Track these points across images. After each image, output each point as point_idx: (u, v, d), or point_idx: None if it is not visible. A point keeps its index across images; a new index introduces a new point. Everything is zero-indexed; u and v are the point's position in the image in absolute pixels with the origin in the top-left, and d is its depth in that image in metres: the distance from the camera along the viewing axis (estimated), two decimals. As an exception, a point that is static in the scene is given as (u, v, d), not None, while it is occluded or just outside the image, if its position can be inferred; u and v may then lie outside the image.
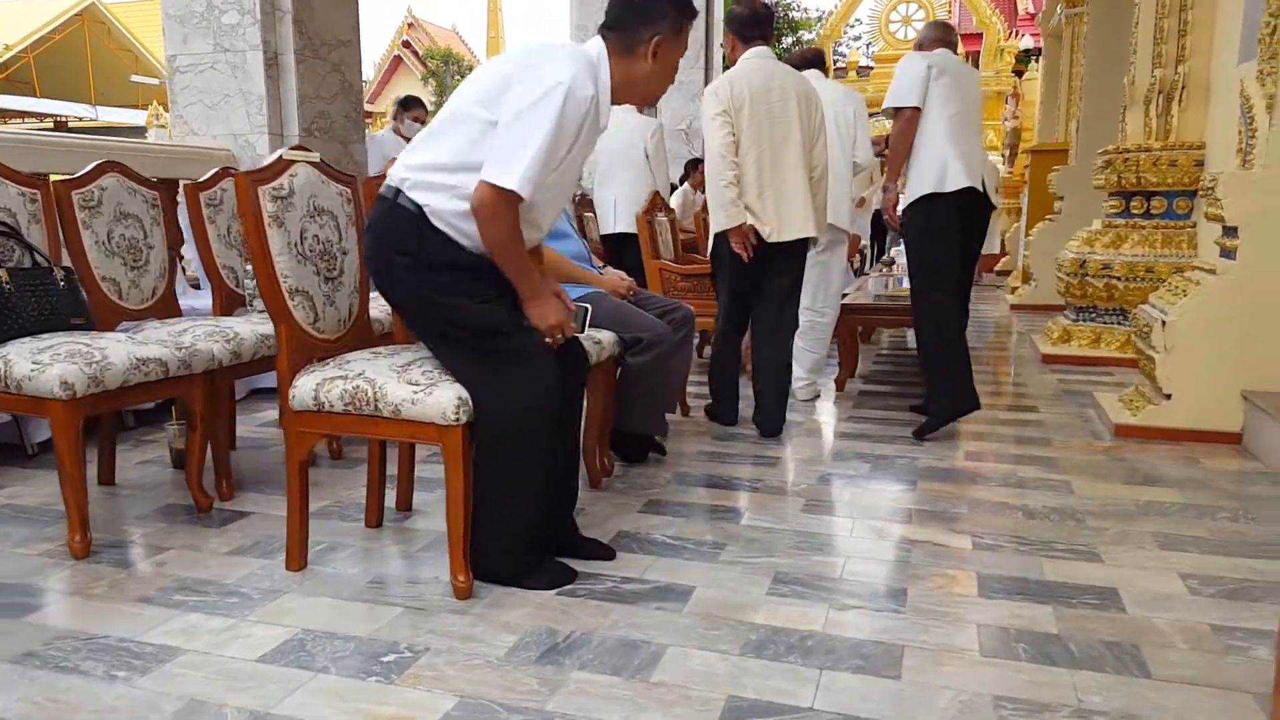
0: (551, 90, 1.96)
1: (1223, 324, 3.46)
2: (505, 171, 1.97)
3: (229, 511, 2.76)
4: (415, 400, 2.06)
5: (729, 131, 3.48)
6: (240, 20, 4.75)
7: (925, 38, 3.95)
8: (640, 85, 2.20)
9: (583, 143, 2.10)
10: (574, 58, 2.04)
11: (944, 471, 3.19)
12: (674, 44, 2.18)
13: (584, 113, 2.03)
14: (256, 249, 2.17)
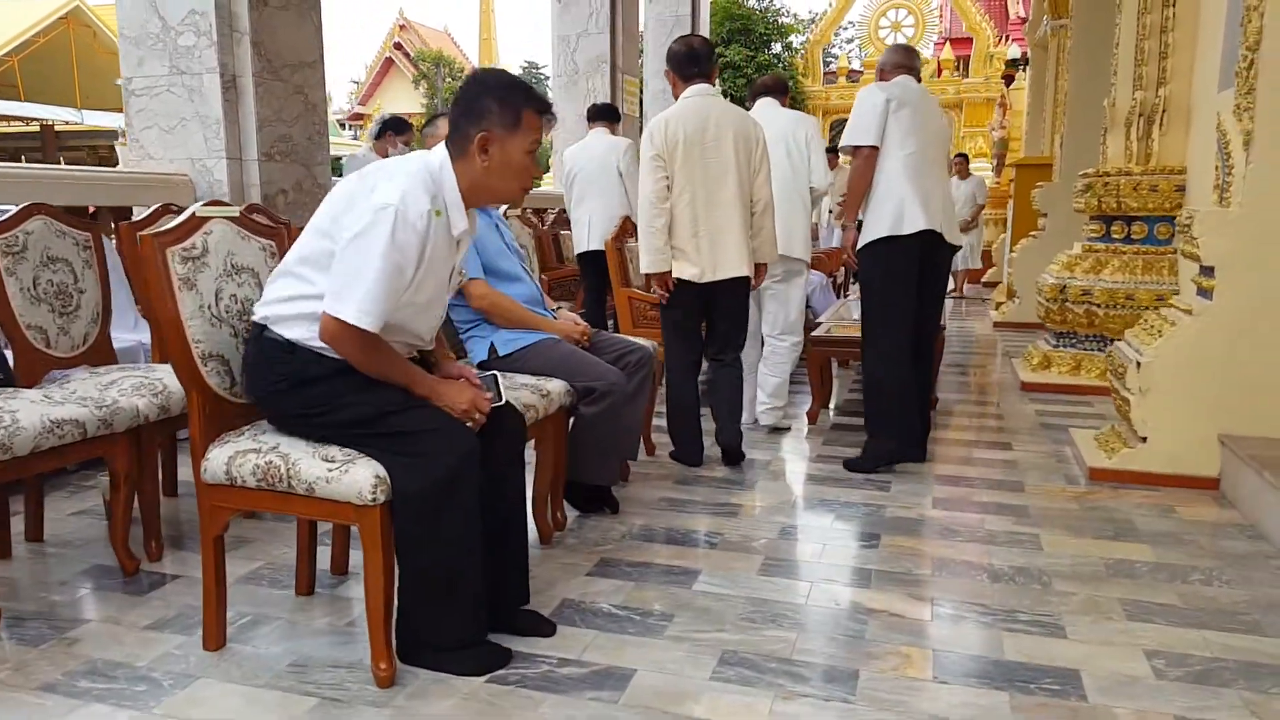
0: (380, 215, 1.90)
1: (1199, 366, 3.35)
2: (342, 304, 1.91)
3: (156, 575, 2.63)
4: (330, 479, 1.93)
5: (663, 176, 3.51)
6: (196, 42, 4.62)
7: (887, 62, 3.81)
8: (484, 187, 2.07)
9: (434, 258, 2.01)
10: (410, 175, 1.98)
11: (910, 523, 3.07)
12: (508, 138, 2.03)
13: (421, 231, 1.94)
14: (164, 314, 2.04)
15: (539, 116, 2.07)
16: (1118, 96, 5.14)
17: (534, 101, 2.06)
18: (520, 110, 2.03)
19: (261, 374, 2.07)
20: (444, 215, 2.01)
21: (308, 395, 2.02)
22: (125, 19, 4.75)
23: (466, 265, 2.87)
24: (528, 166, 2.08)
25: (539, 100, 2.08)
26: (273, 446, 2.03)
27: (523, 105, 2.03)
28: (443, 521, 1.97)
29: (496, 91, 2.03)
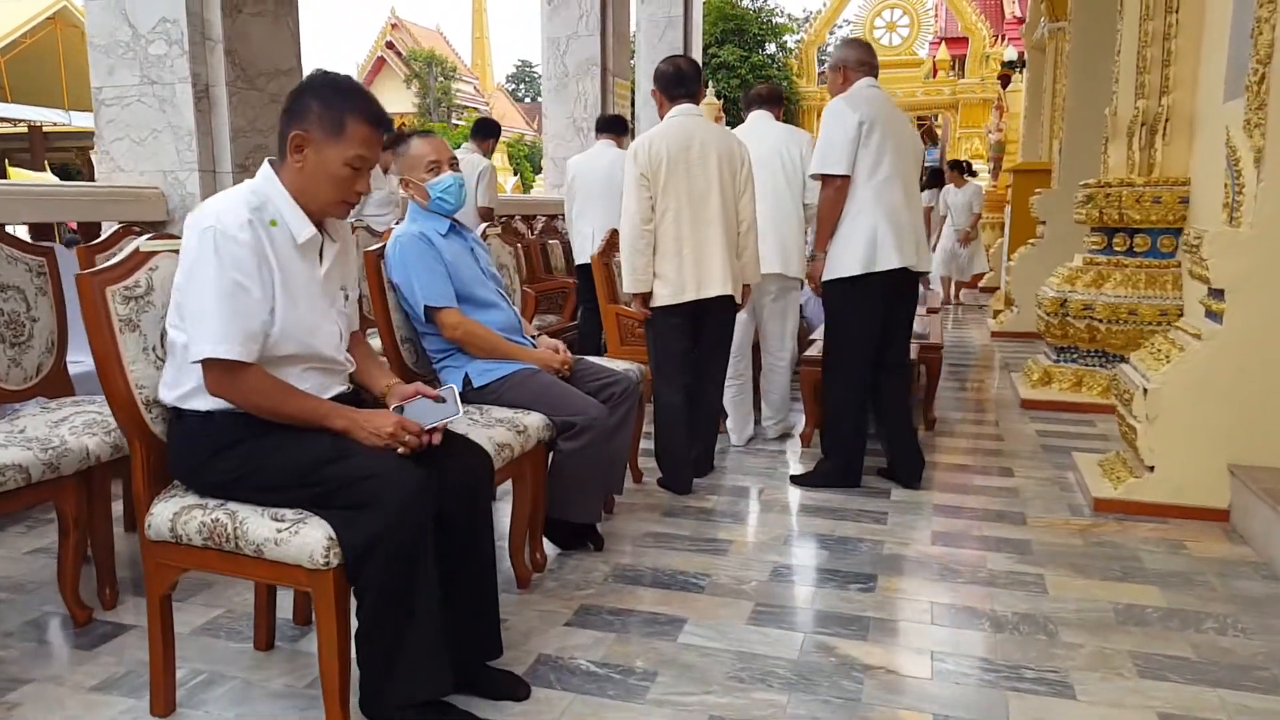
0: (200, 238, 1.80)
1: (1209, 393, 3.21)
2: (199, 342, 1.80)
3: (109, 625, 2.48)
4: (279, 540, 1.78)
5: (647, 195, 3.47)
6: (168, 51, 4.45)
7: (849, 59, 3.59)
8: (305, 192, 1.92)
9: (287, 269, 1.88)
10: (226, 193, 1.90)
11: (908, 562, 2.92)
12: (326, 144, 1.87)
13: (247, 241, 1.82)
14: (104, 358, 1.89)
15: (371, 129, 1.89)
16: (1119, 105, 5.00)
17: (364, 111, 1.88)
18: (344, 117, 1.86)
19: (182, 450, 1.93)
20: (281, 224, 1.88)
21: (231, 459, 1.87)
22: (94, 27, 4.59)
23: (421, 291, 2.72)
24: (348, 179, 1.90)
25: (371, 112, 1.89)
26: (220, 503, 1.88)
27: (349, 112, 1.87)
28: (391, 575, 1.81)
29: (321, 92, 1.88)
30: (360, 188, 1.93)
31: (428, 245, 2.73)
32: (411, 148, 2.86)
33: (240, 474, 1.88)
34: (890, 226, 3.42)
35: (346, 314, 2.13)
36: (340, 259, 2.08)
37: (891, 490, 3.64)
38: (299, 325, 1.93)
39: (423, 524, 1.85)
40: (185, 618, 2.48)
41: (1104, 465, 3.65)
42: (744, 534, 3.18)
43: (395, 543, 1.79)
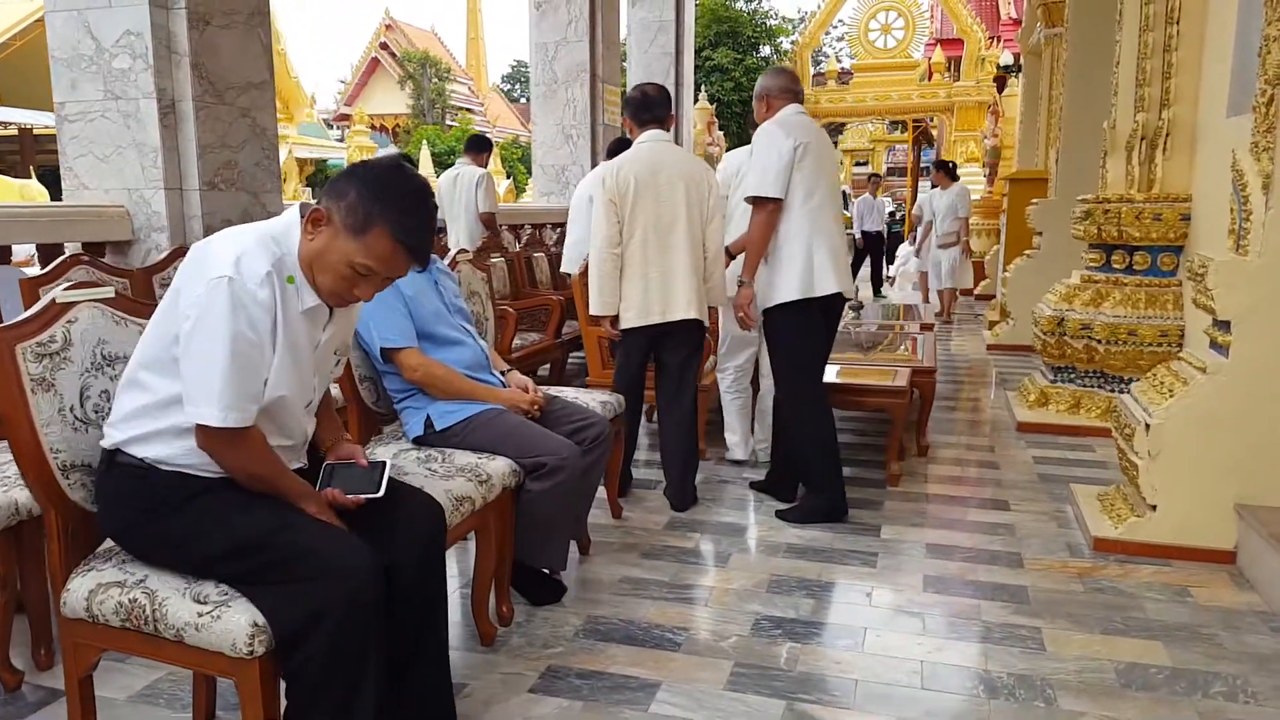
0: (213, 291, 1.61)
1: (1214, 429, 3.05)
2: (203, 406, 1.63)
3: (44, 690, 2.31)
4: (200, 625, 1.62)
5: (615, 221, 3.49)
6: (132, 65, 4.28)
7: (772, 88, 3.58)
8: (313, 266, 1.73)
9: (291, 334, 1.71)
10: (243, 236, 1.71)
11: (898, 613, 2.77)
12: (342, 234, 1.69)
13: (265, 299, 1.65)
14: (12, 420, 1.72)
15: (393, 246, 1.69)
16: (1118, 118, 4.85)
17: (394, 225, 1.68)
18: (373, 221, 1.68)
19: (113, 506, 1.76)
20: (296, 283, 1.71)
21: (167, 526, 1.71)
22: (56, 39, 4.41)
23: (378, 332, 2.56)
24: (348, 280, 1.71)
25: (404, 230, 1.68)
26: (140, 580, 1.71)
27: (379, 219, 1.68)
28: (332, 657, 1.64)
29: (367, 185, 1.70)
30: (360, 294, 1.75)
31: None
32: None
33: (172, 541, 1.72)
34: (827, 251, 3.45)
35: (331, 376, 1.99)
36: (345, 325, 1.93)
37: (882, 527, 3.49)
38: (284, 390, 1.76)
39: (371, 604, 1.68)
40: (124, 681, 2.33)
41: (1104, 501, 3.50)
42: (726, 579, 3.02)
43: (337, 621, 1.63)
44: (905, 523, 3.54)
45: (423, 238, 1.73)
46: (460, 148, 28.42)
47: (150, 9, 4.19)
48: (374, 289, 1.75)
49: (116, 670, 2.34)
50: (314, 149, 24.46)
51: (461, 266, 3.34)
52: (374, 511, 1.87)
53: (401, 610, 1.86)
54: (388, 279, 1.76)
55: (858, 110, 19.91)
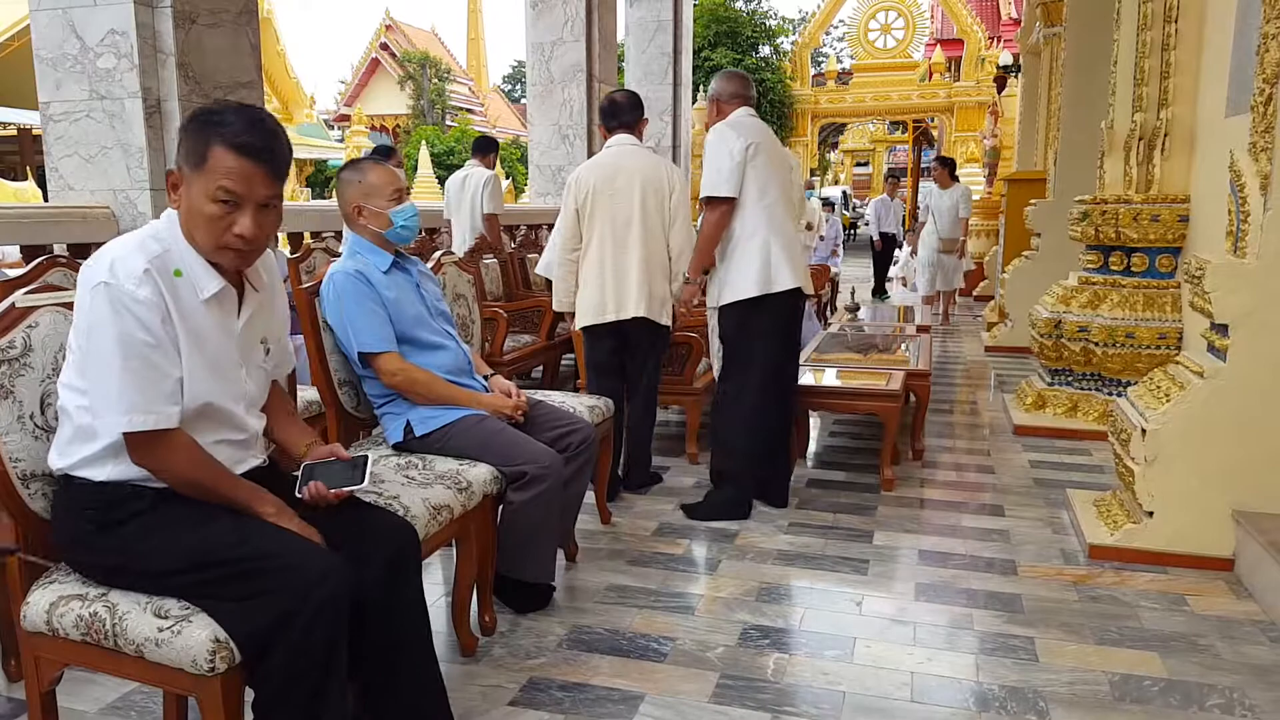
0: (93, 298, 1.60)
1: (1212, 434, 3.00)
2: (107, 415, 1.61)
3: (15, 701, 2.26)
4: (160, 641, 1.57)
5: (575, 225, 3.65)
6: (117, 64, 4.23)
7: (723, 92, 3.66)
8: (192, 239, 1.69)
9: (193, 327, 1.68)
10: (123, 240, 1.67)
11: (889, 623, 2.71)
12: (194, 178, 1.64)
13: (146, 298, 1.61)
14: (-31, 431, 1.67)
15: (236, 157, 1.62)
16: (1116, 118, 4.80)
17: (228, 138, 1.62)
18: (208, 144, 1.62)
19: (64, 524, 1.72)
20: (186, 275, 1.67)
21: (116, 539, 1.66)
22: (40, 39, 4.37)
23: (355, 336, 2.51)
24: (218, 218, 1.64)
25: (238, 138, 1.62)
26: (102, 594, 1.66)
27: (211, 138, 1.62)
28: (297, 669, 1.59)
29: (192, 122, 1.67)
30: (240, 230, 1.66)
31: (364, 285, 2.52)
32: (371, 175, 2.66)
33: (126, 556, 1.66)
34: (783, 248, 3.50)
35: (265, 368, 1.92)
36: (262, 310, 1.87)
37: (875, 533, 3.43)
38: (206, 386, 1.72)
39: (336, 614, 1.63)
40: (95, 693, 2.28)
41: (1100, 506, 3.44)
42: (714, 587, 2.96)
43: (301, 631, 1.58)
44: (898, 529, 3.49)
45: (256, 135, 1.65)
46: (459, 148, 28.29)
47: (135, 7, 4.14)
48: (250, 218, 1.66)
49: (87, 682, 2.29)
50: (313, 149, 24.40)
51: (447, 269, 3.29)
52: (341, 533, 1.81)
53: (372, 633, 1.80)
54: (254, 201, 1.66)
55: (857, 110, 19.88)
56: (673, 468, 4.26)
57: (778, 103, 18.97)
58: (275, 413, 2.00)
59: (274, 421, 1.99)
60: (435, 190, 18.95)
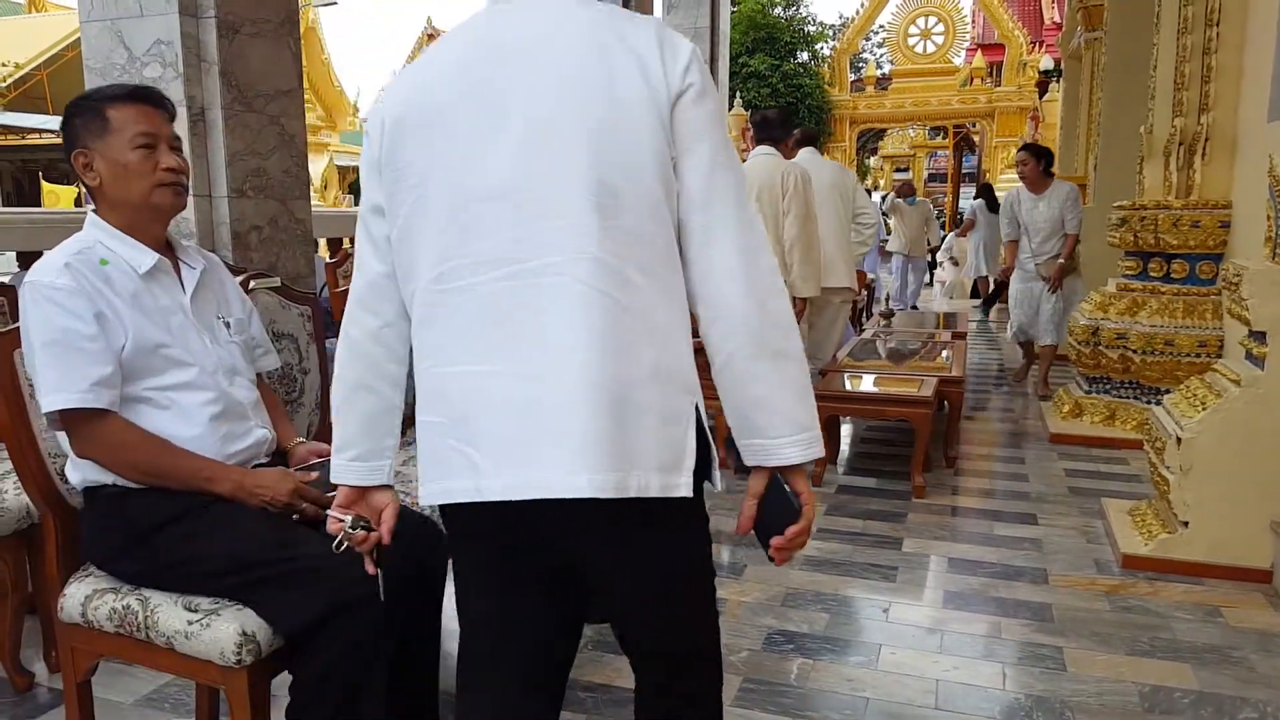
0: (24, 296, 1.68)
1: (1250, 443, 2.95)
2: (42, 397, 1.66)
3: (55, 692, 2.32)
4: (190, 634, 1.61)
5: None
6: (163, 73, 4.32)
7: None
8: (122, 206, 1.77)
9: (137, 305, 1.74)
10: (52, 252, 1.74)
11: (916, 631, 2.69)
12: (104, 146, 1.74)
13: (68, 285, 1.66)
14: (10, 427, 1.74)
15: (131, 104, 1.75)
16: (1155, 123, 4.73)
17: (114, 94, 1.77)
18: (101, 110, 1.74)
19: (95, 536, 1.77)
20: (114, 262, 1.74)
21: (151, 547, 1.69)
22: (90, 50, 4.48)
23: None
24: (145, 161, 1.75)
25: (123, 90, 1.78)
26: (134, 587, 1.71)
27: (100, 106, 1.75)
28: (338, 660, 1.62)
29: (73, 109, 1.77)
30: (167, 163, 1.77)
31: None
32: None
33: (163, 565, 1.70)
34: None
35: (236, 342, 1.94)
36: (208, 286, 1.92)
37: (904, 540, 3.41)
38: (174, 348, 1.76)
39: (376, 612, 1.66)
40: (130, 685, 2.34)
41: (1135, 516, 3.39)
42: (740, 591, 2.97)
43: (344, 629, 1.61)
44: (928, 536, 3.46)
45: (135, 88, 1.80)
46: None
47: (180, 18, 4.24)
48: (168, 154, 1.78)
49: (123, 674, 2.35)
50: (356, 157, 24.75)
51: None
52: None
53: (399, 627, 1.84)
54: (164, 139, 1.78)
55: (896, 116, 19.75)
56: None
57: (815, 108, 18.90)
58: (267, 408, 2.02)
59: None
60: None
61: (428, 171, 1.21)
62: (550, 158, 1.16)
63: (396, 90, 1.27)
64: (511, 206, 1.17)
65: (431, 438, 1.24)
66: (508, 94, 1.18)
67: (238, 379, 1.90)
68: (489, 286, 1.17)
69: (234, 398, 1.86)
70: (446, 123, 1.20)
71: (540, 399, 1.15)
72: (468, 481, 1.19)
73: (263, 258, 4.52)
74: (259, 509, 1.73)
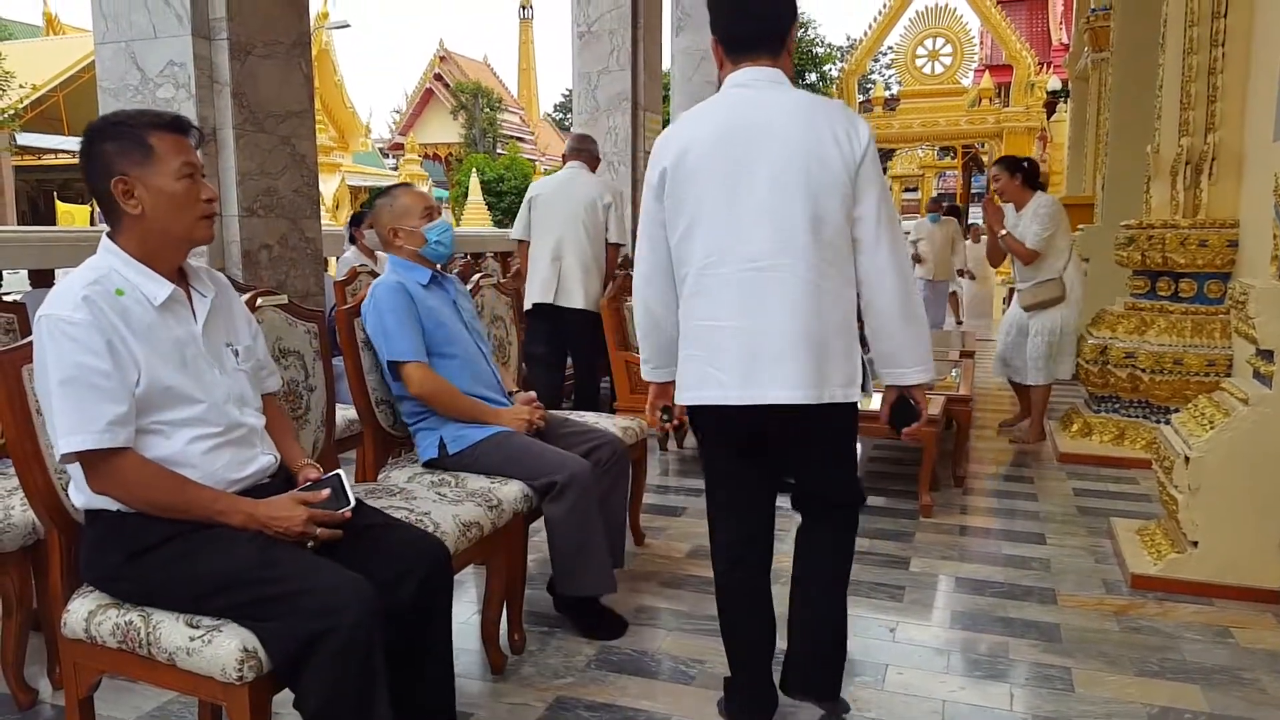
0: (37, 329, 1.67)
1: (1258, 462, 2.92)
2: (56, 438, 1.66)
3: (59, 709, 2.33)
4: (191, 650, 1.61)
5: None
6: (175, 94, 4.39)
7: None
8: (156, 235, 1.76)
9: (150, 336, 1.73)
10: (67, 276, 1.75)
11: (923, 651, 2.68)
12: (147, 174, 1.72)
13: (84, 319, 1.65)
14: (17, 443, 1.75)
15: (172, 135, 1.75)
16: (1161, 142, 4.73)
17: (155, 123, 1.75)
18: (143, 138, 1.72)
19: (94, 556, 1.77)
20: (129, 292, 1.73)
21: (145, 567, 1.70)
22: (104, 71, 4.55)
23: (387, 344, 2.58)
24: (189, 192, 1.75)
25: (162, 120, 1.77)
26: (136, 604, 1.72)
27: (142, 132, 1.73)
28: (338, 679, 1.62)
29: (107, 133, 1.75)
30: (207, 195, 1.79)
31: (404, 297, 2.60)
32: (401, 198, 2.77)
33: (155, 584, 1.71)
34: None
35: (244, 370, 1.95)
36: (219, 313, 1.91)
37: (912, 560, 3.39)
38: (185, 387, 1.77)
39: (366, 636, 1.64)
40: (134, 701, 2.34)
41: (1143, 536, 3.37)
42: (745, 610, 2.95)
43: (332, 654, 1.60)
44: (935, 555, 3.44)
45: (175, 118, 1.79)
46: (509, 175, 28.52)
47: (193, 40, 4.30)
48: (206, 183, 1.81)
49: (127, 690, 2.35)
50: (367, 177, 24.97)
51: (485, 291, 3.35)
52: (373, 551, 1.85)
53: (401, 644, 1.84)
54: (198, 166, 1.78)
55: (905, 136, 19.78)
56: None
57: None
58: (273, 431, 2.02)
59: (274, 439, 2.01)
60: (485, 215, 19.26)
61: (700, 200, 1.98)
62: (783, 198, 1.93)
63: (671, 145, 2.04)
64: (759, 227, 1.94)
65: (693, 366, 2.05)
66: (756, 158, 1.95)
67: (246, 408, 1.91)
68: (738, 276, 1.96)
69: (242, 427, 1.87)
70: (715, 172, 1.97)
71: (764, 346, 1.95)
72: (716, 391, 2.00)
73: (272, 276, 4.55)
74: (256, 532, 1.74)
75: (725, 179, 1.96)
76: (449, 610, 1.99)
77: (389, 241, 2.73)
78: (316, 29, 21.45)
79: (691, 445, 5.16)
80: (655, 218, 2.07)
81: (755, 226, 1.93)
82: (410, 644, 1.88)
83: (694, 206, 1.99)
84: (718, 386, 1.99)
